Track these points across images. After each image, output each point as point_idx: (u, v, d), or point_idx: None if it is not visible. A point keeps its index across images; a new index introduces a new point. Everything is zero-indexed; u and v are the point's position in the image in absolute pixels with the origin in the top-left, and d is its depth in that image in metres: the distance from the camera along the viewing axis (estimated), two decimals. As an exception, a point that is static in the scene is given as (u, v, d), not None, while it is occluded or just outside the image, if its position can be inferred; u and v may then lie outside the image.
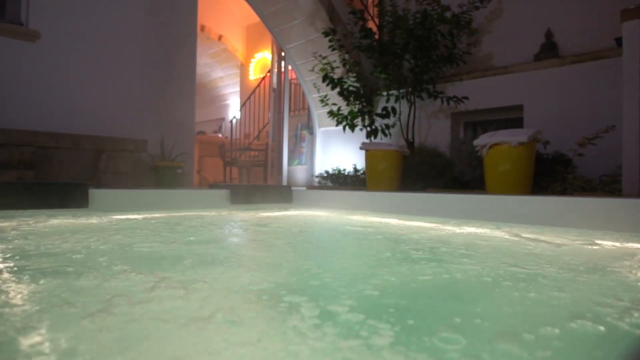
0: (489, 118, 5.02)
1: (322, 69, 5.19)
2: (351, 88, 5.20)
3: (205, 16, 8.89)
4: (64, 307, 0.79)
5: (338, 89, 5.16)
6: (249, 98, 8.68)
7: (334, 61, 5.49)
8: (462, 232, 2.15)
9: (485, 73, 4.88)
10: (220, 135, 10.29)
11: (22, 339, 0.64)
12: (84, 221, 2.30)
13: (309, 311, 0.79)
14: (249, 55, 10.34)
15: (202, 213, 2.98)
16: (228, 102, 11.19)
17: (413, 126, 4.97)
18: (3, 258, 1.26)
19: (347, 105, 5.28)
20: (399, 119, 5.04)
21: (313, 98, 6.38)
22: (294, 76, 7.09)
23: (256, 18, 6.54)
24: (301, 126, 7.41)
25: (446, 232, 2.14)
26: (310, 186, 5.68)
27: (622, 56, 3.19)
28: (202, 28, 9.24)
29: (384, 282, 1.05)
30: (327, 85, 5.15)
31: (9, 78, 4.21)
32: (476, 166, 3.91)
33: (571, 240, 1.88)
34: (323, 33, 5.24)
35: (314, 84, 6.03)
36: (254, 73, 10.14)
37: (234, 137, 8.56)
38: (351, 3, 5.55)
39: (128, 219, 2.46)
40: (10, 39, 4.20)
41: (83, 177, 4.53)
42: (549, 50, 4.45)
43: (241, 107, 9.38)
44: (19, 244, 1.50)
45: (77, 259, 1.26)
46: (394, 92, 5.11)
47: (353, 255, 1.62)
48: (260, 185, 6.23)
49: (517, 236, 2.00)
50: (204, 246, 1.57)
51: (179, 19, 5.59)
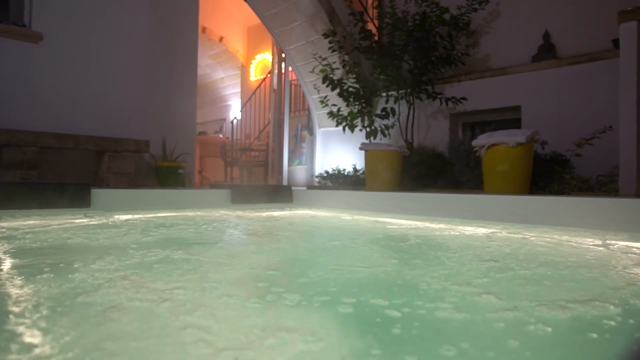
0: (487, 119, 5.02)
1: (322, 70, 5.19)
2: (351, 89, 5.21)
3: (206, 18, 8.89)
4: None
5: (338, 90, 5.16)
6: (250, 99, 8.69)
7: (334, 62, 5.50)
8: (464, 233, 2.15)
9: (483, 74, 4.88)
10: (221, 135, 10.29)
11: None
12: (87, 221, 2.30)
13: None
14: (250, 56, 10.34)
15: (203, 213, 2.98)
16: (229, 103, 11.19)
17: (412, 127, 4.98)
18: (11, 255, 1.26)
19: (347, 106, 5.28)
20: (398, 120, 5.04)
21: (313, 99, 6.39)
22: (294, 77, 7.09)
23: (257, 20, 6.54)
24: (301, 127, 7.42)
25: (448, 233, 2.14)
26: (310, 186, 5.69)
27: (619, 57, 3.19)
28: (204, 30, 9.24)
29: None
30: (327, 86, 5.16)
31: (13, 79, 4.21)
32: (474, 166, 3.91)
33: (555, 237, 1.89)
34: (323, 35, 5.24)
35: (314, 85, 6.03)
36: (255, 74, 10.14)
37: (235, 138, 8.56)
38: (351, 5, 5.55)
39: (129, 219, 2.46)
40: (13, 41, 4.20)
41: (86, 177, 4.53)
42: (547, 51, 4.45)
43: (242, 108, 9.39)
44: (21, 243, 1.50)
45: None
46: (393, 93, 5.11)
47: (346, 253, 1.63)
48: (260, 185, 6.23)
49: (519, 234, 1.99)
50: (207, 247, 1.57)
51: (181, 21, 5.58)
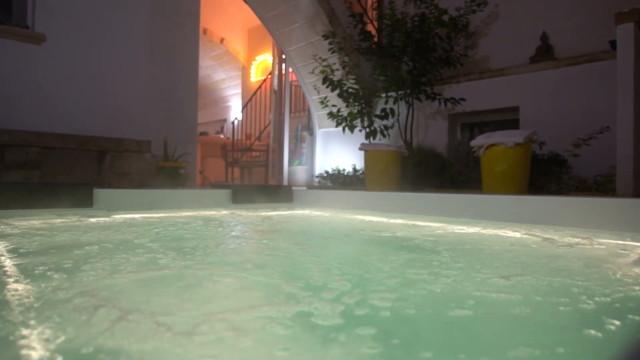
0: (486, 119, 5.02)
1: (322, 71, 5.19)
2: (350, 90, 5.20)
3: (207, 19, 8.89)
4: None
5: (338, 91, 5.16)
6: (251, 100, 8.69)
7: (334, 63, 5.49)
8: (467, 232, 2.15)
9: (482, 75, 4.88)
10: (222, 136, 10.29)
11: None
12: (92, 220, 2.30)
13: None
14: (251, 57, 10.34)
15: (205, 212, 2.98)
16: (230, 104, 11.20)
17: (411, 127, 4.98)
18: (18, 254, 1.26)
19: (347, 106, 5.28)
20: (398, 120, 5.04)
21: (313, 100, 6.39)
22: (295, 78, 7.09)
23: (257, 21, 6.54)
24: (301, 127, 7.42)
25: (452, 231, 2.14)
26: (310, 186, 5.69)
27: (617, 59, 3.19)
28: (205, 31, 9.24)
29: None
30: (327, 87, 5.16)
31: (16, 80, 4.21)
32: (473, 166, 3.91)
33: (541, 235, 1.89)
34: (323, 36, 5.24)
35: (314, 86, 6.03)
36: (255, 75, 10.14)
37: (236, 138, 8.56)
38: (351, 7, 5.55)
39: (133, 218, 2.46)
40: (16, 42, 4.20)
41: (88, 177, 4.53)
42: (545, 52, 4.45)
43: (243, 109, 9.39)
44: (22, 242, 1.50)
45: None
46: (393, 94, 5.11)
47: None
48: (261, 185, 6.23)
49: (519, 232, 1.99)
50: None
51: (182, 22, 5.58)
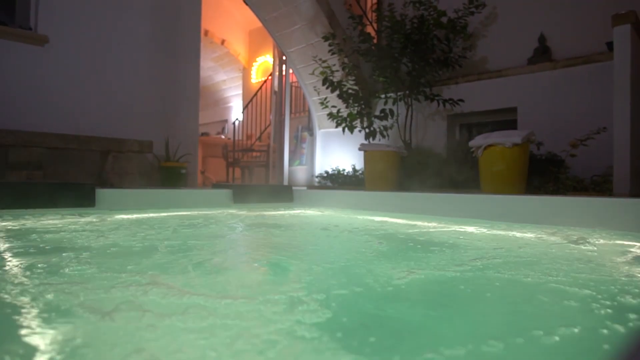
0: (484, 120, 5.02)
1: (322, 73, 5.19)
2: (350, 91, 5.21)
3: (208, 21, 8.89)
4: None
5: (337, 92, 5.16)
6: (251, 100, 8.68)
7: (334, 65, 5.49)
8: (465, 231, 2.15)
9: (480, 76, 4.89)
10: (223, 136, 10.28)
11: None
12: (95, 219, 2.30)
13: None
14: (251, 59, 10.34)
15: (206, 212, 2.98)
16: (231, 105, 11.19)
17: (410, 128, 4.98)
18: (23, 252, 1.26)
19: (347, 107, 5.28)
20: (397, 121, 5.04)
21: (313, 100, 6.39)
22: (295, 79, 7.09)
23: (258, 23, 6.53)
24: (302, 128, 7.42)
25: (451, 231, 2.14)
26: (310, 186, 5.69)
27: (613, 60, 3.19)
28: (206, 33, 9.24)
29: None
30: (327, 88, 5.16)
31: (19, 81, 4.21)
32: (471, 167, 3.91)
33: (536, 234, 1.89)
34: (323, 37, 5.24)
35: (314, 87, 6.03)
36: (256, 76, 10.14)
37: (237, 139, 8.55)
38: (350, 8, 5.56)
39: (135, 218, 2.46)
40: (19, 44, 4.20)
41: (90, 177, 4.53)
42: (542, 54, 4.45)
43: (243, 110, 9.38)
44: (27, 241, 1.50)
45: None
46: (392, 95, 5.11)
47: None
48: (262, 185, 6.24)
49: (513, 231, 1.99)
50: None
51: (183, 24, 5.58)
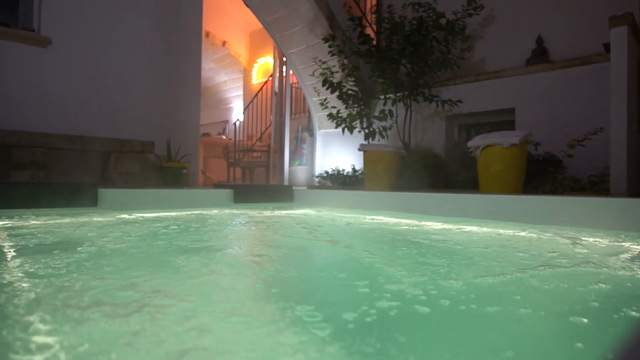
0: (482, 121, 5.03)
1: (322, 74, 5.19)
2: (350, 92, 5.21)
3: (209, 23, 8.89)
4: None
5: (337, 93, 5.16)
6: (252, 101, 8.69)
7: (334, 66, 5.50)
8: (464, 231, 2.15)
9: (478, 77, 4.89)
10: (224, 137, 10.29)
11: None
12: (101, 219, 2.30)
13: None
14: (252, 60, 10.34)
15: (207, 212, 2.98)
16: (232, 105, 11.20)
17: (409, 128, 4.98)
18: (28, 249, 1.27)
19: (346, 108, 5.28)
20: (396, 122, 5.04)
21: (313, 101, 6.39)
22: (295, 80, 7.09)
23: (259, 25, 6.54)
24: (302, 128, 7.42)
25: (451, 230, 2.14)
26: (310, 186, 5.69)
27: (610, 61, 3.20)
28: (207, 34, 9.24)
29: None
30: (327, 89, 5.16)
31: (22, 82, 4.22)
32: (470, 167, 3.91)
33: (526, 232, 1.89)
34: (323, 39, 5.24)
35: (314, 88, 6.03)
36: (257, 77, 10.15)
37: (238, 139, 8.56)
38: (350, 10, 5.56)
39: (137, 217, 2.46)
40: (23, 45, 4.20)
41: (92, 177, 4.53)
42: (540, 55, 4.45)
43: (244, 110, 9.38)
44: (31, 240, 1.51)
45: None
46: (391, 96, 5.11)
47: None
48: (262, 185, 6.24)
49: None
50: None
51: (185, 25, 5.58)
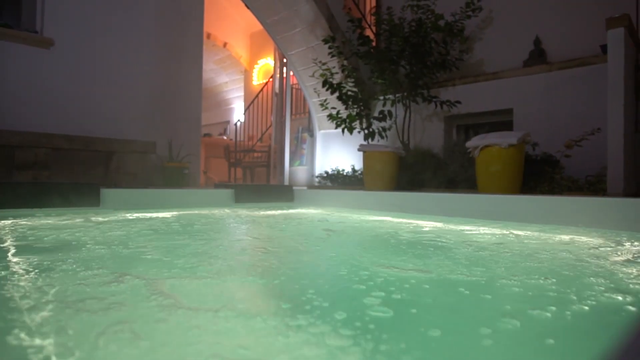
0: (481, 121, 5.02)
1: (322, 75, 5.19)
2: (350, 93, 5.21)
3: (211, 24, 8.89)
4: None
5: (337, 94, 5.16)
6: (253, 102, 8.69)
7: (333, 67, 5.49)
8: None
9: (477, 78, 4.88)
10: (225, 137, 10.29)
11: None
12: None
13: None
14: (253, 61, 10.34)
15: (209, 211, 2.98)
16: (233, 106, 11.20)
17: (408, 129, 4.98)
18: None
19: (346, 109, 5.28)
20: (395, 122, 5.04)
21: (313, 102, 6.39)
22: (295, 81, 7.09)
23: (259, 26, 6.54)
24: (302, 129, 7.42)
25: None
26: (310, 186, 5.69)
27: (607, 62, 3.19)
28: (208, 36, 9.24)
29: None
30: (327, 90, 5.15)
31: (25, 83, 4.22)
32: (468, 167, 3.91)
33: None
34: (323, 40, 5.24)
35: (314, 89, 6.03)
36: (257, 78, 10.14)
37: (239, 139, 8.56)
38: (349, 12, 5.56)
39: (139, 217, 2.46)
40: (26, 46, 4.20)
41: (95, 177, 4.53)
42: (538, 56, 4.45)
43: (245, 111, 9.38)
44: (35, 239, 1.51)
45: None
46: (390, 97, 5.11)
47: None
48: (263, 185, 6.24)
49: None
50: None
51: (186, 27, 5.59)
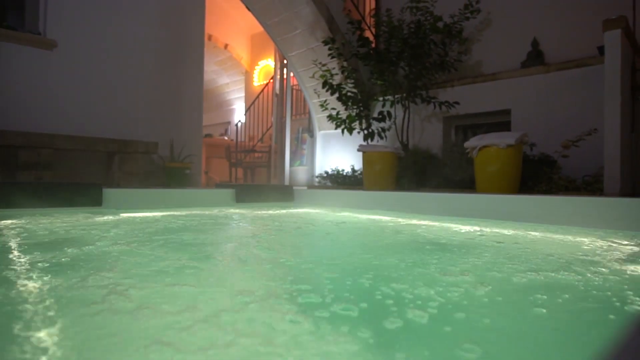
0: (479, 122, 5.03)
1: (322, 76, 5.19)
2: (349, 93, 5.21)
3: (212, 26, 8.90)
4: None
5: (337, 95, 5.16)
6: (253, 103, 8.69)
7: (333, 68, 5.50)
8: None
9: (475, 79, 4.89)
10: (226, 137, 10.29)
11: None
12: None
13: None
14: (253, 62, 10.35)
15: (210, 211, 2.98)
16: (233, 107, 11.20)
17: (407, 129, 4.98)
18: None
19: (346, 109, 5.29)
20: (394, 123, 5.04)
21: (313, 103, 6.39)
22: (296, 82, 7.10)
23: (260, 28, 6.54)
24: (302, 129, 7.43)
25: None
26: (310, 186, 5.69)
27: (604, 64, 3.20)
28: (210, 37, 9.24)
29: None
30: (327, 91, 5.16)
31: (29, 84, 4.22)
32: (466, 167, 3.91)
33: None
34: (323, 42, 5.24)
35: (314, 90, 6.03)
36: (258, 79, 10.15)
37: (239, 140, 8.57)
38: (349, 14, 5.56)
39: (141, 216, 2.47)
40: (29, 48, 4.21)
41: (97, 177, 4.54)
42: (535, 58, 4.45)
43: (246, 112, 9.39)
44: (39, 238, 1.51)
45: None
46: (390, 98, 5.11)
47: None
48: (263, 184, 6.24)
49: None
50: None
51: (188, 29, 5.59)
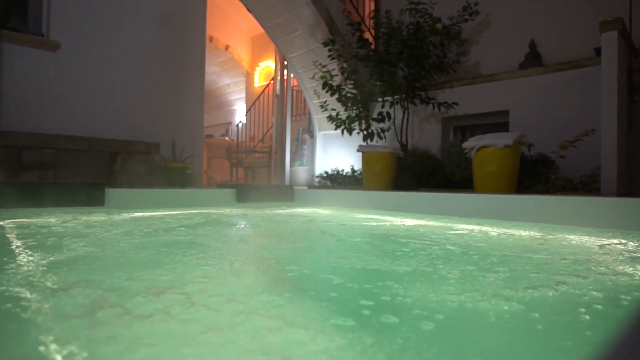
0: (477, 122, 5.03)
1: (322, 77, 5.20)
2: (349, 94, 5.21)
3: (213, 28, 8.90)
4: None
5: (337, 96, 5.17)
6: (254, 104, 8.70)
7: (333, 69, 5.50)
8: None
9: (473, 80, 4.89)
10: (227, 138, 10.29)
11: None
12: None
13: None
14: (254, 63, 10.35)
15: (211, 211, 2.98)
16: (234, 108, 11.21)
17: (406, 130, 4.98)
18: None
19: (345, 110, 5.29)
20: (394, 124, 5.04)
21: (313, 104, 6.39)
22: (296, 83, 7.10)
23: (261, 29, 6.54)
24: (302, 130, 7.43)
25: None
26: (311, 186, 5.70)
27: (601, 65, 3.20)
28: (211, 39, 9.24)
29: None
30: (327, 91, 5.16)
31: (32, 85, 4.23)
32: (465, 167, 3.91)
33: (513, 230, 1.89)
34: (323, 43, 5.25)
35: (315, 91, 6.03)
36: (259, 80, 10.15)
37: (240, 140, 8.57)
38: (349, 15, 5.56)
39: (143, 216, 2.47)
40: (32, 49, 4.21)
41: (99, 177, 4.54)
42: (533, 59, 4.45)
43: (247, 112, 9.39)
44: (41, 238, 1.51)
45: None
46: (389, 99, 5.11)
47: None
48: (264, 184, 6.24)
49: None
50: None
51: (189, 30, 5.59)
